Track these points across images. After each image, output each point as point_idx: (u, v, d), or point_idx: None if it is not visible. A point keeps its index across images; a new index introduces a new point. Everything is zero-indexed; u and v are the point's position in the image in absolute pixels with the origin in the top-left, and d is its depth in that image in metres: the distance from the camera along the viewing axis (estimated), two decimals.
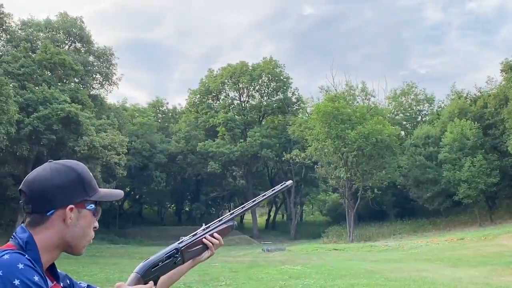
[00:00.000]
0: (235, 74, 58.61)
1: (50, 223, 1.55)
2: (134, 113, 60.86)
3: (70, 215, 1.56)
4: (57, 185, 1.54)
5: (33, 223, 1.54)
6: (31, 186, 1.54)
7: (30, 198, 1.54)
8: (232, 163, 56.03)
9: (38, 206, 1.53)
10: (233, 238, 49.18)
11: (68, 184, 1.57)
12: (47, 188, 1.53)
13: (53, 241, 1.56)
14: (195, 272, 19.20)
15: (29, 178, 1.57)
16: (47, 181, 1.54)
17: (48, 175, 1.56)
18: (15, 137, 32.86)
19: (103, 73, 49.66)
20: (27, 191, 1.54)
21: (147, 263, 1.83)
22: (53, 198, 1.54)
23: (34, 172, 1.59)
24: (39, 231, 1.54)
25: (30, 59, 39.72)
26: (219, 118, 55.95)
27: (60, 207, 1.55)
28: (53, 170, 1.58)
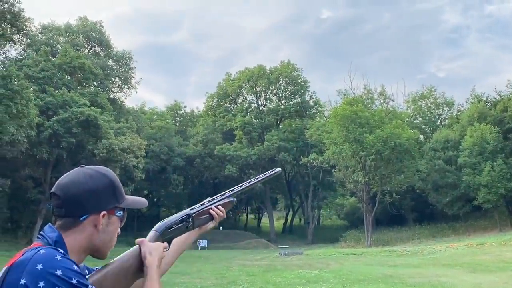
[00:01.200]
0: (253, 78, 58.70)
1: (81, 228, 1.57)
2: (152, 117, 61.27)
3: (102, 221, 1.59)
4: (91, 190, 1.57)
5: (65, 226, 1.57)
6: (66, 190, 1.56)
7: (64, 202, 1.55)
8: (249, 166, 56.04)
9: (72, 211, 1.56)
10: (250, 241, 49.20)
11: (101, 190, 1.60)
12: (82, 193, 1.56)
13: (82, 244, 1.58)
14: (212, 275, 19.28)
15: (62, 182, 1.59)
16: (82, 186, 1.56)
17: (83, 180, 1.57)
18: (35, 140, 33.28)
19: (122, 76, 50.11)
20: (61, 195, 1.55)
21: (165, 223, 1.92)
22: (88, 203, 1.57)
23: (68, 176, 1.60)
24: (70, 234, 1.56)
25: (50, 63, 40.20)
26: (237, 122, 56.03)
27: (93, 212, 1.58)
28: (87, 176, 1.60)
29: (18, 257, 1.46)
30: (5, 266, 1.49)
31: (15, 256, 1.50)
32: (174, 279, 18.28)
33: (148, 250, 1.74)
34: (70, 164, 38.60)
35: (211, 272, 20.80)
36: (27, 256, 1.44)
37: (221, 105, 61.82)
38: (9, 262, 1.48)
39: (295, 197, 66.99)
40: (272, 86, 59.58)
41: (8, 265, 1.45)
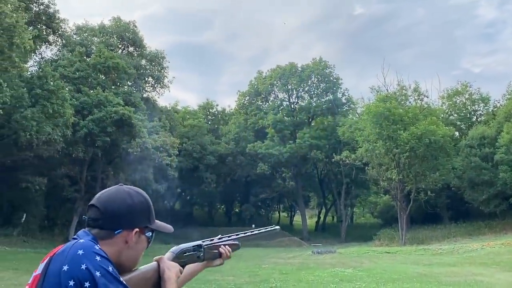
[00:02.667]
0: (284, 76, 58.60)
1: (113, 241, 1.70)
2: (185, 115, 61.72)
3: (133, 237, 1.71)
4: (129, 207, 1.71)
5: (99, 237, 1.68)
6: (106, 204, 1.68)
7: (103, 214, 1.67)
8: (281, 164, 55.99)
9: (109, 224, 1.68)
10: (283, 239, 49.13)
11: (138, 208, 1.74)
12: (121, 209, 1.69)
13: (112, 257, 1.66)
14: (245, 273, 19.31)
15: (103, 196, 1.72)
16: (122, 202, 1.70)
17: (122, 197, 1.71)
18: (71, 139, 33.87)
19: (155, 76, 50.60)
20: (101, 208, 1.68)
21: (181, 247, 2.09)
22: (124, 219, 1.70)
23: (108, 192, 1.74)
24: (102, 245, 1.67)
25: (85, 63, 40.86)
26: (268, 120, 56.01)
27: (127, 228, 1.71)
28: (126, 193, 1.74)
29: (58, 249, 1.60)
30: (44, 259, 1.62)
31: (54, 250, 1.63)
32: (207, 276, 18.38)
33: (166, 266, 1.87)
34: (105, 163, 39.27)
35: (244, 270, 20.85)
36: (67, 245, 1.60)
37: (252, 103, 61.91)
38: (49, 254, 1.62)
39: (328, 195, 66.65)
40: (303, 83, 59.36)
41: (49, 256, 1.59)
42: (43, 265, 1.60)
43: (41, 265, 1.61)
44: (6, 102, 25.74)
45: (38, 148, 30.56)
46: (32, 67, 40.08)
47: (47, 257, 1.61)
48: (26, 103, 28.82)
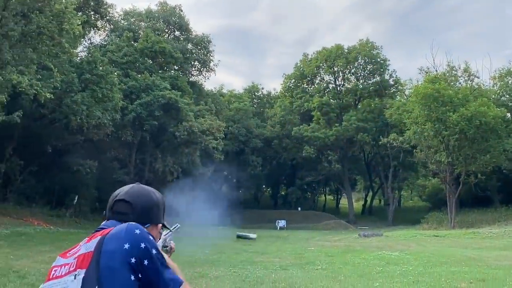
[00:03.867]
0: (330, 58, 57.93)
1: None
2: (230, 99, 62.02)
3: (157, 232, 1.91)
4: (156, 204, 1.86)
5: None
6: (137, 199, 1.82)
7: (134, 209, 1.80)
8: (327, 147, 55.63)
9: (139, 218, 1.80)
10: (329, 222, 49.02)
11: (161, 205, 1.90)
12: (150, 204, 1.84)
13: None
14: (290, 255, 19.37)
15: (131, 191, 1.86)
16: (150, 198, 1.84)
17: (149, 194, 1.87)
18: (120, 123, 34.59)
19: (201, 60, 50.96)
20: (132, 202, 1.81)
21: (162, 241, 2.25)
22: (153, 214, 1.85)
23: (133, 188, 1.88)
24: None
25: (133, 48, 41.52)
26: (314, 102, 55.62)
27: (154, 223, 1.87)
28: (151, 191, 1.90)
29: (107, 232, 1.70)
30: (89, 239, 1.73)
31: (96, 234, 1.74)
32: (254, 258, 18.56)
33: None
34: (153, 146, 39.95)
35: (289, 252, 20.92)
36: (121, 228, 1.71)
37: (298, 86, 61.55)
38: (93, 235, 1.74)
39: (375, 178, 65.92)
40: (350, 65, 58.56)
41: (98, 236, 1.70)
42: (90, 245, 1.68)
43: (86, 245, 1.70)
44: (57, 87, 26.46)
45: (88, 131, 31.36)
46: (82, 52, 41.01)
47: (93, 238, 1.71)
48: (76, 88, 29.55)
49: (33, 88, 23.57)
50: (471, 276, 12.44)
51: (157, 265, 1.67)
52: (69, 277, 1.64)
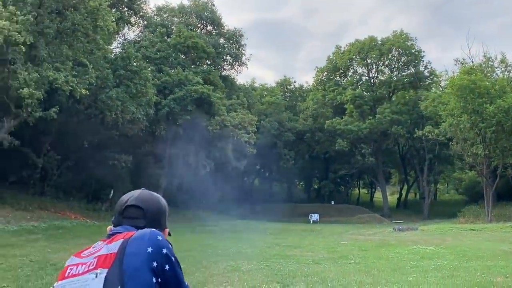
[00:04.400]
0: (363, 50, 57.30)
1: None
2: (262, 93, 62.02)
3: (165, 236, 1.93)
4: (164, 210, 1.94)
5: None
6: (147, 205, 1.87)
7: (145, 215, 1.86)
8: (360, 140, 55.15)
9: (152, 224, 1.86)
10: (363, 216, 48.67)
11: (167, 210, 1.97)
12: (160, 210, 1.91)
13: None
14: (323, 249, 19.30)
15: (141, 197, 1.90)
16: (159, 204, 1.91)
17: (159, 200, 1.94)
18: (154, 118, 35.00)
19: (233, 54, 51.07)
20: (144, 208, 1.86)
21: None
22: (162, 219, 1.92)
23: (143, 194, 1.93)
24: None
25: (166, 43, 41.90)
26: (347, 95, 55.16)
27: (163, 228, 1.93)
28: (158, 197, 1.96)
29: (129, 235, 1.74)
30: (110, 240, 1.77)
31: (117, 237, 1.78)
32: (286, 251, 18.56)
33: None
34: (186, 141, 40.26)
35: (322, 246, 20.85)
36: (144, 232, 1.76)
37: (331, 79, 61.13)
38: (115, 238, 1.77)
39: (410, 171, 65.08)
40: (384, 57, 57.81)
41: (123, 238, 1.74)
42: (113, 246, 1.73)
43: (108, 246, 1.74)
44: (92, 83, 26.90)
45: (123, 126, 31.81)
46: (116, 48, 41.59)
47: (115, 240, 1.75)
48: (111, 84, 29.99)
49: (69, 84, 24.01)
50: (507, 270, 12.20)
51: (176, 272, 1.77)
52: (89, 275, 1.67)
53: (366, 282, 11.05)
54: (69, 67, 25.22)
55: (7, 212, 25.57)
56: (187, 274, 12.04)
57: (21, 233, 20.02)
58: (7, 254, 14.18)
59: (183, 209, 44.59)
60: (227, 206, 52.37)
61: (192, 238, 24.05)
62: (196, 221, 39.39)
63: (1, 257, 13.63)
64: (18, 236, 19.10)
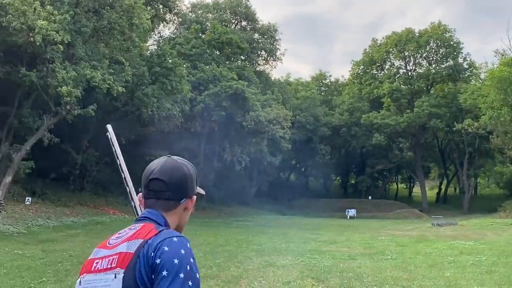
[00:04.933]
0: (400, 42, 56.42)
1: (178, 210, 1.83)
2: (297, 87, 61.84)
3: (191, 203, 1.86)
4: (190, 177, 1.83)
5: (166, 209, 1.81)
6: (170, 175, 1.78)
7: (170, 186, 1.77)
8: (398, 134, 54.38)
9: (175, 195, 1.79)
10: (401, 211, 48.06)
11: (194, 176, 1.86)
12: (184, 179, 1.80)
13: (175, 224, 1.83)
14: (360, 245, 19.11)
15: (164, 169, 1.80)
16: (184, 173, 1.81)
17: (181, 167, 1.82)
18: (189, 114, 35.27)
19: (268, 49, 51.05)
20: (166, 180, 1.77)
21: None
22: (187, 188, 1.82)
23: (166, 164, 1.82)
24: (169, 215, 1.81)
25: (200, 40, 42.19)
26: (384, 89, 54.41)
27: (189, 196, 1.83)
28: (182, 164, 1.85)
29: (150, 236, 1.65)
30: (127, 239, 1.70)
31: (139, 231, 1.70)
32: (322, 247, 18.44)
33: None
34: (221, 136, 40.49)
35: (359, 242, 20.63)
36: (163, 234, 1.66)
37: (367, 72, 60.42)
38: (132, 236, 1.69)
39: (449, 166, 63.87)
40: (421, 49, 56.79)
41: (143, 239, 1.65)
42: (132, 245, 1.65)
43: (129, 243, 1.67)
44: (129, 80, 27.25)
45: (159, 123, 32.17)
46: (152, 45, 42.07)
47: (135, 237, 1.68)
48: (147, 81, 30.34)
49: (106, 82, 24.38)
50: None
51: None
52: (109, 274, 1.63)
53: (402, 277, 10.88)
54: (105, 65, 25.61)
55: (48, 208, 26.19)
56: (222, 269, 12.12)
57: (61, 229, 20.48)
58: (47, 249, 14.53)
59: (219, 205, 44.91)
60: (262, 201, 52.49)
61: (228, 233, 24.17)
62: (231, 216, 39.61)
63: (42, 252, 13.97)
64: (58, 231, 19.55)
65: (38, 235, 17.93)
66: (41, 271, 10.88)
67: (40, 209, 25.40)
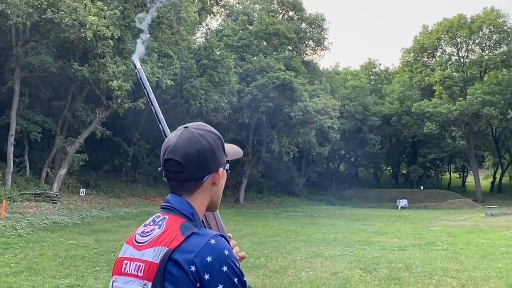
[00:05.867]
0: (452, 29, 54.87)
1: (203, 188, 1.59)
2: (346, 77, 61.16)
3: (219, 177, 1.60)
4: (209, 150, 1.56)
5: (189, 190, 1.58)
6: (184, 154, 1.53)
7: (185, 166, 1.53)
8: (450, 123, 52.99)
9: (195, 173, 1.55)
10: (453, 201, 47.06)
11: (215, 147, 1.59)
12: (201, 154, 1.54)
13: (205, 204, 1.62)
14: (410, 235, 18.87)
15: (177, 146, 1.55)
16: (199, 146, 1.55)
17: (197, 141, 1.55)
18: (237, 105, 35.51)
19: (315, 39, 50.67)
20: (180, 160, 1.53)
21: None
22: (207, 163, 1.56)
23: (179, 140, 1.56)
24: (195, 198, 1.58)
25: (247, 31, 42.28)
26: (435, 76, 53.08)
27: (213, 171, 1.58)
28: (198, 136, 1.56)
29: (178, 242, 1.43)
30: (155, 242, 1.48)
31: (167, 229, 1.50)
32: (371, 238, 18.32)
33: None
34: (269, 127, 40.58)
35: (409, 232, 20.39)
36: (198, 246, 1.42)
37: (418, 60, 59.10)
38: (161, 238, 1.47)
39: (504, 154, 61.90)
40: (474, 35, 55.07)
41: (167, 247, 1.43)
42: (156, 253, 1.45)
43: (154, 249, 1.46)
44: (177, 73, 27.68)
45: (207, 115, 32.53)
46: (200, 38, 42.50)
47: (159, 244, 1.46)
48: (195, 73, 30.73)
49: (155, 75, 24.85)
50: None
51: None
52: (138, 283, 1.47)
53: (452, 268, 10.70)
54: (154, 59, 26.09)
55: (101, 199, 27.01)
56: (269, 259, 12.22)
57: (114, 219, 21.10)
58: (100, 239, 15.01)
59: (267, 195, 45.14)
60: (312, 192, 52.39)
61: (276, 224, 24.31)
62: (280, 206, 39.73)
63: (95, 242, 14.45)
64: (111, 222, 20.16)
65: (92, 226, 18.54)
66: (95, 261, 11.26)
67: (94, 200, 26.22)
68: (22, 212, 19.36)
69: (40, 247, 12.93)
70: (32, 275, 9.58)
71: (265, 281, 9.60)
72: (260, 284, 9.30)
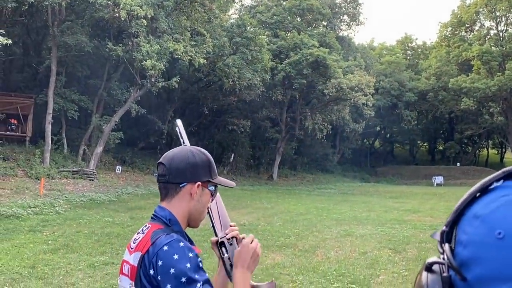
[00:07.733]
0: (491, 2, 53.18)
1: (181, 195, 1.83)
2: (381, 52, 60.22)
3: (196, 190, 1.84)
4: (191, 163, 1.83)
5: (170, 195, 1.84)
6: (171, 160, 1.83)
7: (168, 169, 1.82)
8: (488, 98, 51.73)
9: (174, 177, 1.82)
10: None
11: (199, 164, 1.85)
12: (184, 164, 1.82)
13: (184, 213, 1.85)
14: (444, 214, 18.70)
15: (169, 154, 1.88)
16: (184, 158, 1.83)
17: (186, 154, 1.85)
18: (270, 83, 35.46)
19: (350, 14, 49.93)
20: (166, 164, 1.83)
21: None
22: (186, 172, 1.82)
23: (174, 151, 1.89)
24: (174, 203, 1.84)
25: (281, 7, 41.97)
26: (473, 51, 51.74)
27: (191, 181, 1.83)
28: (189, 151, 1.87)
29: (147, 247, 1.71)
30: (137, 248, 1.77)
31: (146, 236, 1.77)
32: (404, 216, 18.26)
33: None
34: (302, 104, 40.45)
35: (443, 211, 20.20)
36: (156, 250, 1.68)
37: (455, 34, 57.64)
38: (140, 245, 1.76)
39: None
40: None
41: (141, 252, 1.72)
42: (134, 258, 1.76)
43: (135, 255, 1.76)
44: (210, 51, 27.77)
45: (241, 92, 32.65)
46: (234, 14, 42.41)
47: (137, 250, 1.77)
48: (228, 51, 30.75)
49: (188, 54, 25.02)
50: None
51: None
52: (128, 284, 1.77)
53: None
54: (187, 38, 26.24)
55: (136, 177, 27.54)
56: (300, 238, 12.37)
57: (149, 197, 21.53)
58: (135, 216, 15.38)
59: (301, 172, 45.20)
60: (346, 169, 52.20)
61: (309, 201, 24.40)
62: (314, 184, 39.79)
63: (130, 219, 14.83)
64: (146, 199, 20.57)
65: (127, 203, 18.98)
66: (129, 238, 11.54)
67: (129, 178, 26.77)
68: (60, 189, 19.95)
69: (77, 225, 13.35)
70: (68, 252, 9.94)
71: (294, 261, 9.75)
72: (288, 264, 9.46)
